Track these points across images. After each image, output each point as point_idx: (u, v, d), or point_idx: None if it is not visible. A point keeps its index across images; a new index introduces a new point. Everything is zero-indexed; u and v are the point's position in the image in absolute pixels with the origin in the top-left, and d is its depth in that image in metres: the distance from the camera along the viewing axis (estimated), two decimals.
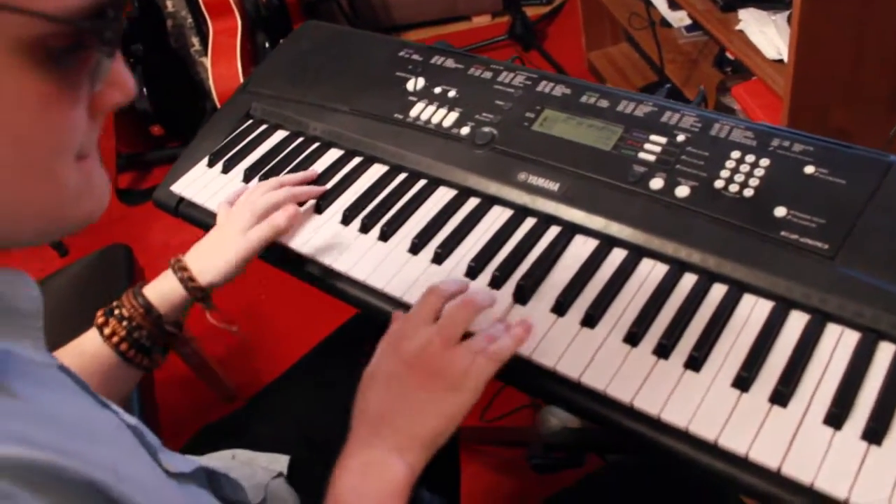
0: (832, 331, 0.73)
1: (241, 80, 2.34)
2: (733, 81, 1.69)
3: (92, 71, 0.43)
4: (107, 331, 0.86)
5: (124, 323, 0.86)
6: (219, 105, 2.40)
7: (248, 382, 1.89)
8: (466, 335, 0.74)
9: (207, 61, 2.44)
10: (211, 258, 0.91)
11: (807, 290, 0.74)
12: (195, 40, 2.65)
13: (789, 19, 1.39)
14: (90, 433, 0.50)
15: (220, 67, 2.38)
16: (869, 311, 0.72)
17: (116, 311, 0.87)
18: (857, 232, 0.77)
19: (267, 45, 2.42)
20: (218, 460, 0.92)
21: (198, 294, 0.90)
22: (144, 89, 2.45)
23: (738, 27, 1.53)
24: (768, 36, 1.46)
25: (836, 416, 0.66)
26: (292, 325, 2.03)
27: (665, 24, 2.04)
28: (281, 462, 0.93)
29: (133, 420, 0.60)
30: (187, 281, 0.89)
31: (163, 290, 0.89)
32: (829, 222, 0.78)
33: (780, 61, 1.43)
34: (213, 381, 1.76)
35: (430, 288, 0.77)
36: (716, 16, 1.58)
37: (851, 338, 0.72)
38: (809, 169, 0.82)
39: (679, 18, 1.99)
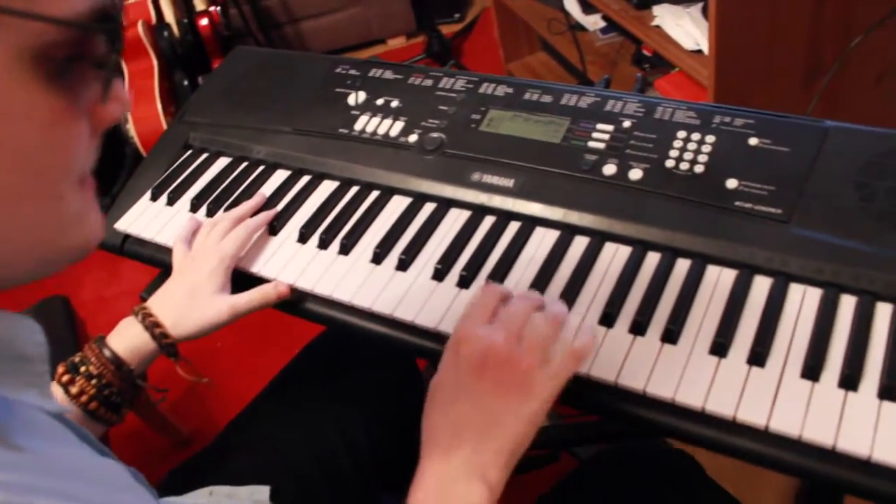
0: (796, 290, 0.76)
1: (163, 120, 2.30)
2: (654, 76, 1.74)
3: (100, 83, 0.42)
4: (74, 390, 0.82)
5: (93, 381, 0.82)
6: (141, 149, 2.35)
7: (202, 425, 1.85)
8: None
9: None
10: (187, 313, 0.87)
11: (768, 255, 0.77)
12: None
13: (703, 11, 1.44)
14: (110, 486, 0.48)
15: (140, 110, 2.34)
16: (828, 266, 0.75)
17: (83, 368, 0.83)
18: (807, 194, 0.80)
19: (186, 82, 2.38)
20: (195, 499, 0.89)
21: (169, 349, 0.87)
22: None
23: (654, 23, 1.59)
24: (685, 28, 1.51)
25: (813, 369, 0.69)
26: (241, 363, 1.99)
27: (580, 28, 2.09)
28: (263, 493, 0.91)
29: (130, 468, 0.58)
30: (160, 336, 0.85)
31: (130, 343, 0.85)
32: (779, 188, 0.81)
33: (699, 52, 1.49)
34: (164, 428, 1.70)
35: (481, 288, 0.72)
36: (631, 14, 1.64)
37: (815, 294, 0.75)
38: (753, 141, 0.85)
39: (593, 22, 2.05)
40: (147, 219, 1.07)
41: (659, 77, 1.71)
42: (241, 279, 0.94)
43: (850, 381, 0.67)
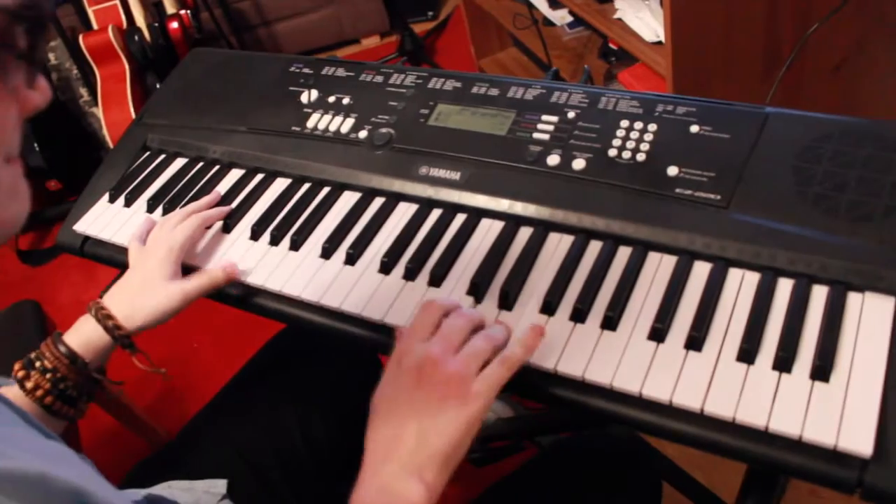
0: (734, 275, 0.76)
1: None
2: (619, 69, 1.75)
3: (23, 70, 0.47)
4: (29, 384, 0.82)
5: (48, 375, 0.83)
6: None
7: (179, 425, 1.84)
8: None
9: (98, 111, 2.39)
10: (138, 304, 0.88)
11: (706, 240, 0.78)
12: (83, 91, 2.59)
13: (662, 2, 1.45)
14: (50, 456, 0.49)
15: (113, 114, 2.34)
16: (766, 251, 0.75)
17: (38, 363, 0.84)
18: (746, 180, 0.81)
19: (158, 86, 2.38)
20: (156, 492, 0.90)
21: (124, 340, 0.87)
22: (36, 145, 2.38)
23: (616, 16, 1.60)
24: (645, 20, 1.52)
25: (748, 352, 0.69)
26: (217, 363, 1.99)
27: (548, 23, 2.10)
28: (219, 486, 0.92)
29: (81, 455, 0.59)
30: (113, 329, 0.86)
31: (85, 337, 0.86)
32: (718, 175, 0.82)
33: (660, 43, 1.50)
34: (139, 427, 1.70)
35: (425, 303, 0.75)
36: (594, 7, 1.65)
37: (753, 278, 0.75)
38: (694, 128, 0.86)
39: (561, 17, 2.06)
40: (105, 220, 1.07)
41: (623, 70, 1.72)
42: None
43: (784, 362, 0.68)
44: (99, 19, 2.40)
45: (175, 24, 2.37)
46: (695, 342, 0.71)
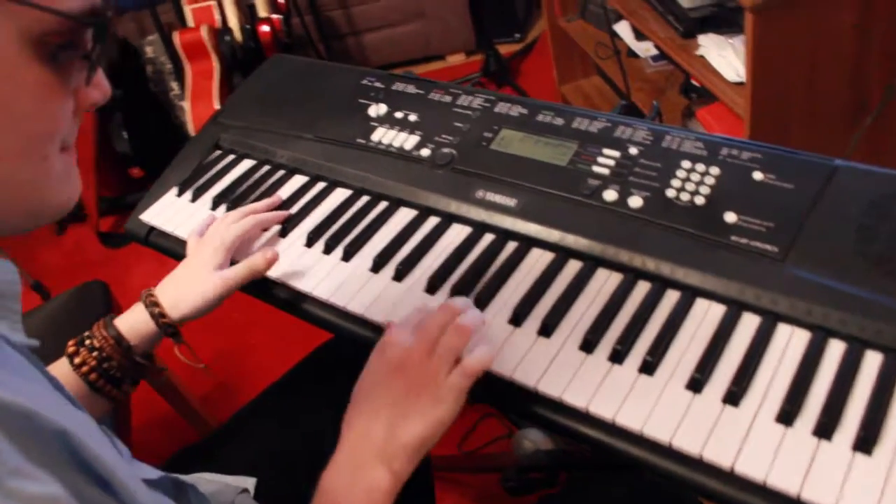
0: (783, 330, 0.74)
1: None
2: (699, 106, 1.72)
3: (85, 70, 0.51)
4: (77, 360, 0.86)
5: (94, 353, 0.87)
6: None
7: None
8: None
9: (186, 104, 2.47)
10: (183, 293, 0.91)
11: (758, 292, 0.76)
12: (174, 85, 2.68)
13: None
14: (55, 406, 0.51)
15: (199, 108, 2.42)
16: (818, 309, 0.73)
17: (87, 342, 0.88)
18: (806, 234, 0.78)
19: None
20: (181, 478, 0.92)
21: (167, 328, 0.90)
22: (125, 133, 2.47)
23: (698, 52, 1.57)
24: (728, 59, 1.49)
25: (788, 413, 0.67)
26: (274, 360, 2.02)
27: (632, 54, 2.08)
28: (248, 483, 0.93)
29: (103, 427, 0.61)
30: (157, 315, 0.89)
31: (133, 322, 0.90)
32: (777, 226, 0.79)
33: (741, 83, 1.46)
34: (191, 416, 1.74)
35: (420, 305, 0.79)
36: (677, 42, 1.62)
37: (802, 336, 0.73)
38: (758, 175, 0.84)
39: (645, 49, 2.03)
40: (171, 213, 1.11)
41: (703, 107, 1.69)
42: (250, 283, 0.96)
43: (824, 429, 0.65)
44: (195, 18, 2.49)
45: (265, 28, 2.43)
46: (733, 397, 0.69)
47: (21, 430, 0.42)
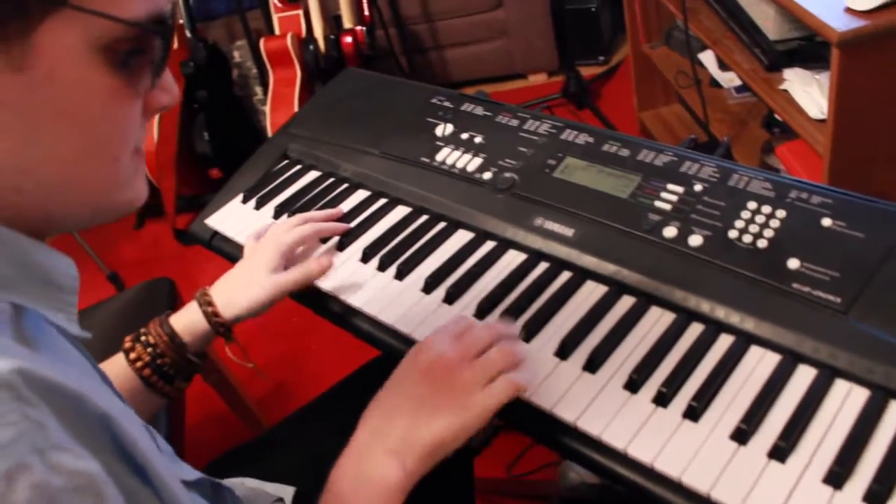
0: (840, 387, 0.71)
1: None
2: (779, 142, 1.67)
3: (152, 74, 0.53)
4: (132, 355, 0.89)
5: (149, 349, 0.89)
6: None
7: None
8: None
9: (267, 109, 2.52)
10: (236, 293, 0.93)
11: (816, 344, 0.72)
12: (258, 89, 2.75)
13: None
14: (103, 395, 0.52)
15: (279, 115, 2.46)
16: (881, 368, 0.69)
17: (143, 338, 0.90)
18: (873, 287, 0.74)
19: None
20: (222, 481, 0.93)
21: (220, 328, 0.92)
22: (206, 133, 2.54)
23: (782, 87, 1.52)
24: (812, 95, 1.44)
25: (837, 476, 0.64)
26: (331, 367, 2.04)
27: (715, 84, 2.03)
28: (287, 492, 0.93)
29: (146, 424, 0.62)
30: (211, 315, 0.92)
31: (187, 320, 0.92)
32: (843, 276, 0.76)
33: (823, 121, 1.41)
34: (245, 416, 1.77)
35: (460, 315, 0.80)
36: (761, 75, 1.58)
37: (860, 395, 0.69)
38: (827, 221, 0.80)
39: (729, 79, 1.99)
40: (235, 219, 1.13)
41: (783, 143, 1.64)
42: (302, 290, 0.97)
43: (875, 497, 0.62)
44: (282, 26, 2.55)
45: (349, 39, 2.47)
46: (780, 452, 0.66)
47: (68, 410, 0.44)
